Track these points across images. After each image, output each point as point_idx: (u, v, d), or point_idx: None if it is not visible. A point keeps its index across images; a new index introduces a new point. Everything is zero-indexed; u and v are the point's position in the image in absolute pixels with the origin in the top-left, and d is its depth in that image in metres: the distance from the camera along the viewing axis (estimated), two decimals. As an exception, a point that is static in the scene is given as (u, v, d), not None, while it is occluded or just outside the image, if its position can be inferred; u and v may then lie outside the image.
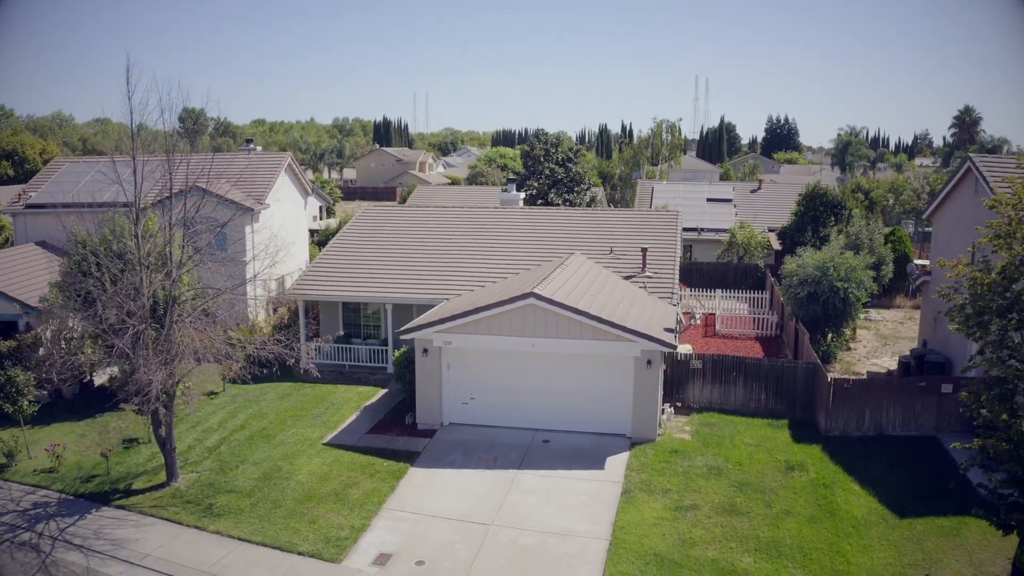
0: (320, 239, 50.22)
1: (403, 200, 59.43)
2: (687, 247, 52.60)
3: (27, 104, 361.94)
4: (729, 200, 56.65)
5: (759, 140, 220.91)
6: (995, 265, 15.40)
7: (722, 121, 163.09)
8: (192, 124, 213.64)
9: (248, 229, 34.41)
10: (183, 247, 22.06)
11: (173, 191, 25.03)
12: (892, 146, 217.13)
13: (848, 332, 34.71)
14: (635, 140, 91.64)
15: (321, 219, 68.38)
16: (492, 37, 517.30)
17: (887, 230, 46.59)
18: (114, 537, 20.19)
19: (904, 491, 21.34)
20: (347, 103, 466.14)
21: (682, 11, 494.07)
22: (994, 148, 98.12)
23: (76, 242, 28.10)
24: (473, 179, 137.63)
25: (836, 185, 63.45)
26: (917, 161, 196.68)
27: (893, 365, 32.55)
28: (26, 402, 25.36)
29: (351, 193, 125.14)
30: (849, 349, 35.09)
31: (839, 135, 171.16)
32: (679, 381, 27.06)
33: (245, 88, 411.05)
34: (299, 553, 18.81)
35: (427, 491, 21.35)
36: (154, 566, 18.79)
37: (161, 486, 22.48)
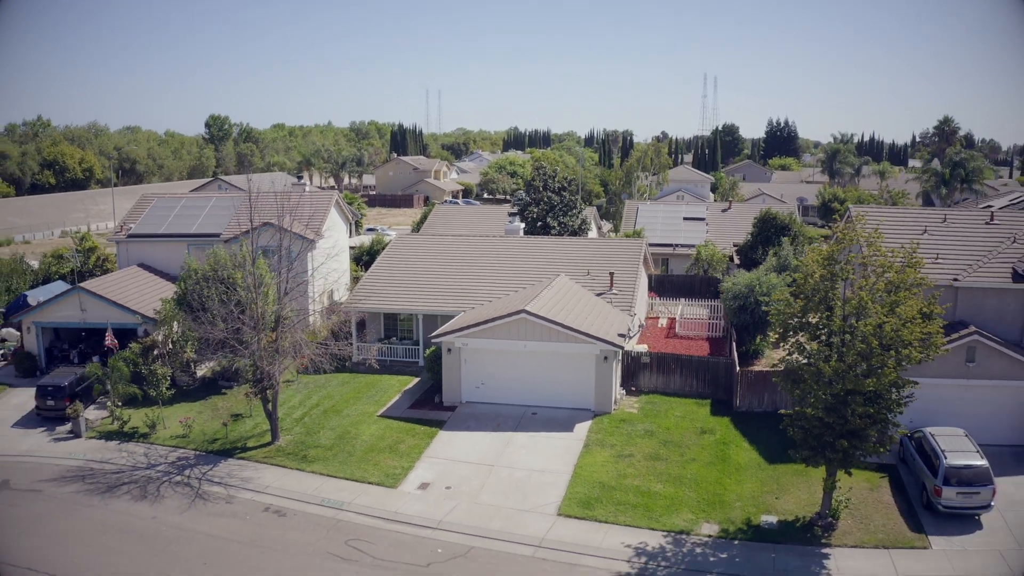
0: (355, 255, 59.97)
1: (423, 218, 68.89)
2: (664, 260, 62.21)
3: (63, 114, 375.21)
4: (702, 219, 66.20)
5: (761, 141, 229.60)
6: (795, 302, 25.04)
7: (717, 130, 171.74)
8: (217, 131, 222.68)
9: (309, 256, 44.19)
10: (287, 282, 31.82)
11: (253, 226, 34.98)
12: (887, 148, 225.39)
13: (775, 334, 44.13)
14: (630, 156, 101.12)
15: (352, 235, 78.07)
16: (504, 35, 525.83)
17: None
18: (241, 476, 30.15)
19: (778, 448, 30.87)
20: (363, 106, 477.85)
21: (694, 9, 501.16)
22: (962, 161, 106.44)
23: (190, 270, 38.10)
24: (484, 185, 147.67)
25: (798, 206, 72.73)
26: (911, 163, 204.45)
27: (808, 360, 42.06)
28: (164, 388, 35.32)
29: (372, 200, 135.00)
30: (779, 347, 44.56)
31: (832, 139, 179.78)
32: (633, 371, 36.85)
33: (265, 94, 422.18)
34: (369, 483, 28.82)
35: (451, 445, 31.35)
36: (274, 493, 28.77)
37: (267, 444, 32.43)
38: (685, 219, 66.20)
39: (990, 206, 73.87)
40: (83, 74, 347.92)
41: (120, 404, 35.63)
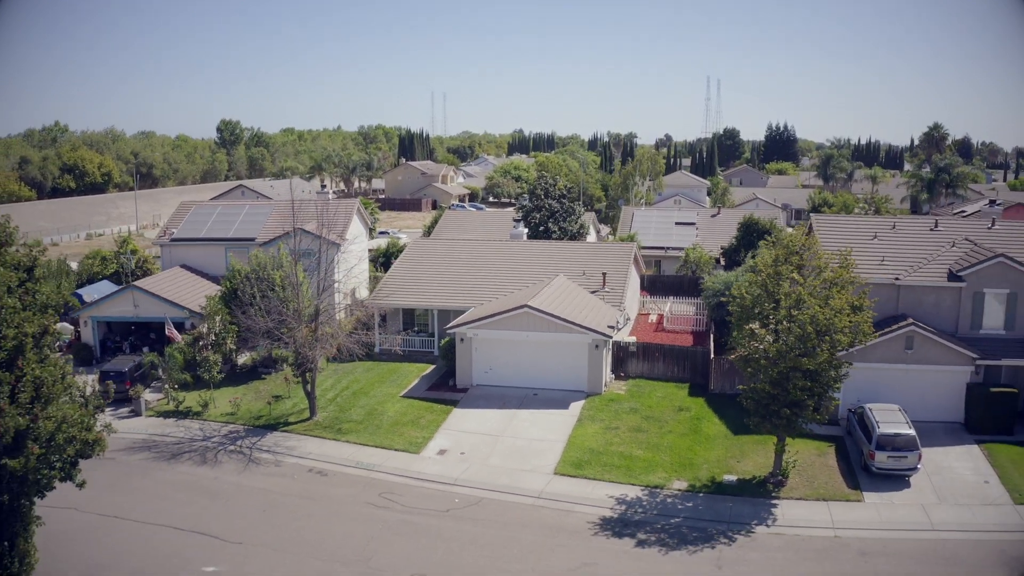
0: (372, 257, 65.29)
1: (434, 222, 73.99)
2: (656, 262, 67.40)
3: (81, 120, 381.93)
4: (693, 224, 71.43)
5: (760, 145, 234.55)
6: (747, 296, 30.29)
7: (715, 136, 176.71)
8: (229, 135, 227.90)
9: (336, 258, 49.48)
10: (323, 280, 37.19)
11: (293, 231, 40.22)
12: (883, 152, 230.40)
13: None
14: (628, 164, 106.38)
15: (369, 239, 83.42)
16: (508, 37, 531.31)
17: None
18: (286, 446, 35.47)
19: (743, 423, 36.04)
20: (371, 110, 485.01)
21: (697, 13, 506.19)
22: (947, 167, 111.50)
23: (234, 271, 43.45)
24: (490, 189, 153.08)
25: (789, 212, 77.89)
26: (907, 167, 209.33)
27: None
28: (215, 372, 40.70)
29: (382, 204, 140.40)
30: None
31: (828, 144, 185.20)
32: (622, 359, 42.13)
33: (274, 98, 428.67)
34: (395, 450, 34.17)
35: (464, 420, 36.71)
36: (316, 458, 34.09)
37: (306, 420, 37.74)
38: (676, 224, 71.44)
39: (963, 211, 79.18)
40: (85, 74, 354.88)
41: (176, 387, 40.94)
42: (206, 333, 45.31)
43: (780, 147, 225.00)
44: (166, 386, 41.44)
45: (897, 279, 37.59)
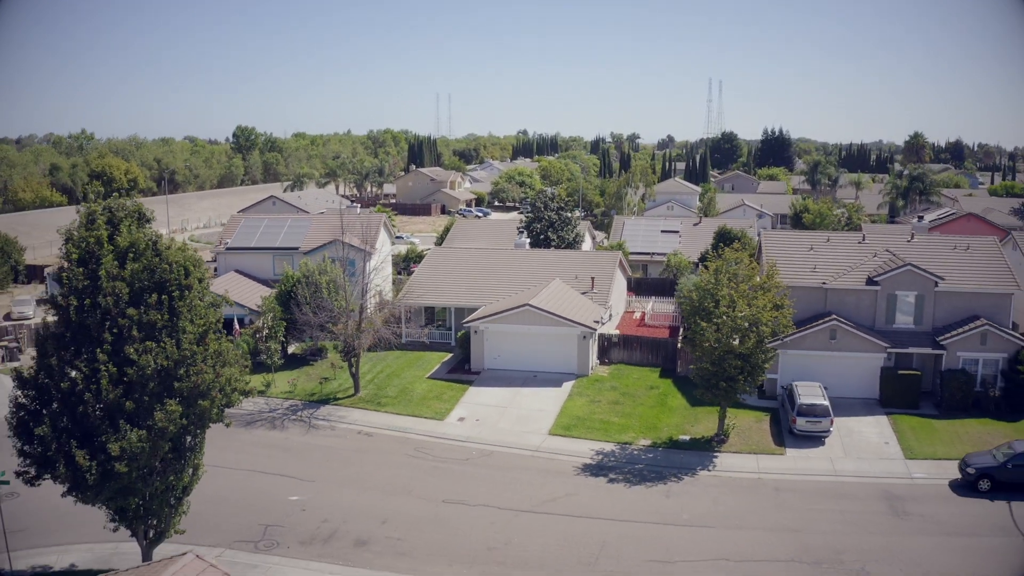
0: (395, 262, 74.72)
1: (446, 230, 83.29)
2: (643, 266, 76.68)
3: (106, 128, 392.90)
4: (676, 231, 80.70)
5: (756, 150, 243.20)
6: (695, 297, 39.56)
7: (707, 145, 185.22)
8: (245, 141, 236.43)
9: (369, 264, 58.84)
10: (365, 282, 46.59)
11: (334, 240, 49.56)
12: (874, 156, 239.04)
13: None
14: (622, 176, 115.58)
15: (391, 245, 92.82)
16: (513, 38, 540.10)
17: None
18: (337, 415, 44.83)
19: (699, 397, 45.36)
20: (378, 113, 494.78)
21: (700, 16, 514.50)
22: (920, 175, 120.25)
23: (286, 276, 52.88)
24: (495, 194, 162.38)
25: (757, 219, 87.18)
26: (897, 167, 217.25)
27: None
28: (276, 357, 50.10)
29: (394, 209, 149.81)
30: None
31: (820, 148, 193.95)
32: (606, 348, 51.46)
33: (283, 102, 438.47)
34: (424, 417, 43.59)
35: (478, 395, 46.12)
36: (362, 424, 43.44)
37: (351, 396, 47.09)
38: (662, 231, 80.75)
39: (922, 216, 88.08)
40: (86, 75, 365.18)
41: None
42: (261, 327, 54.82)
43: (775, 150, 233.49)
44: (234, 370, 50.76)
45: (824, 283, 46.83)
